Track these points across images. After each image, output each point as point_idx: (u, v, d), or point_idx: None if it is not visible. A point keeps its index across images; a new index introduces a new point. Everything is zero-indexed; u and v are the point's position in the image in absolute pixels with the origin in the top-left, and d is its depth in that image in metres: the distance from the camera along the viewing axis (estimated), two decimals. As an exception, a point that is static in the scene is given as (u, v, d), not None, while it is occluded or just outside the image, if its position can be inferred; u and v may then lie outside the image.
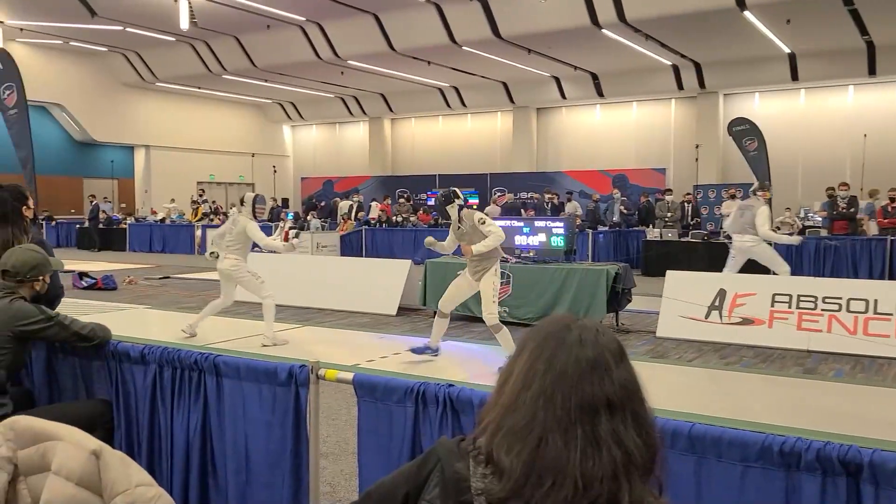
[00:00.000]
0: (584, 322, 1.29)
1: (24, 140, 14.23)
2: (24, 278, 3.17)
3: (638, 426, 1.22)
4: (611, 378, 1.23)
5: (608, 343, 1.26)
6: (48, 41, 23.78)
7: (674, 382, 6.30)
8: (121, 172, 29.32)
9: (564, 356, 1.23)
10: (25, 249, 3.26)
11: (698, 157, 22.25)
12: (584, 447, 1.18)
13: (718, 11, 16.25)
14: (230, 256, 7.85)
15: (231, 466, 2.88)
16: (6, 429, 1.69)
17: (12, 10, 20.39)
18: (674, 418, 2.25)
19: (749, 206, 9.90)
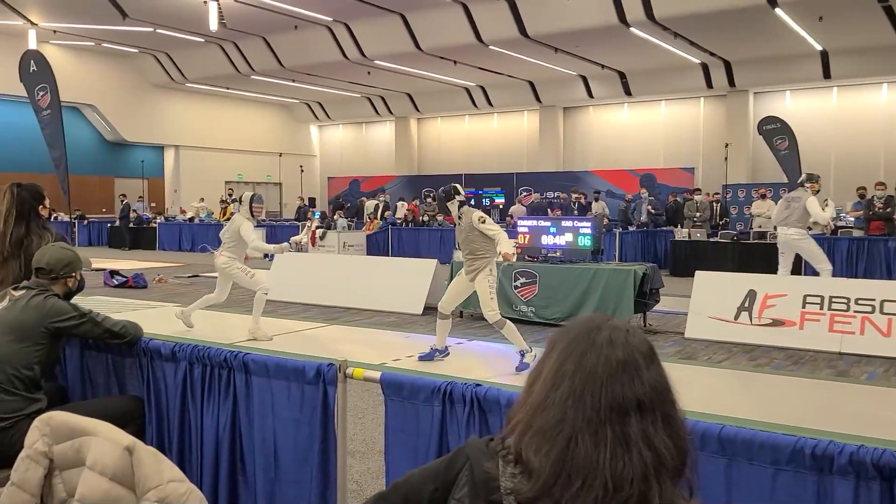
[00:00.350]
0: (614, 322, 1.29)
1: (58, 140, 14.46)
2: (58, 275, 3.22)
3: (669, 428, 1.22)
4: (641, 379, 1.22)
5: (638, 344, 1.26)
6: (81, 43, 24.18)
7: (703, 384, 6.24)
8: (151, 172, 29.72)
9: (594, 356, 1.23)
10: (58, 247, 3.32)
11: (728, 157, 21.96)
12: (614, 448, 1.17)
13: (749, 9, 16.04)
14: (225, 253, 7.99)
15: (260, 463, 2.90)
16: (42, 424, 1.73)
17: (46, 13, 20.77)
18: (704, 420, 2.23)
19: (796, 198, 9.74)
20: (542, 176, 26.30)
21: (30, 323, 3.01)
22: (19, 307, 3.04)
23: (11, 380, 2.92)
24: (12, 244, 3.73)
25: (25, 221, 3.78)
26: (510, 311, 9.21)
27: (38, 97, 14.87)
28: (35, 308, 3.03)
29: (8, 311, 3.04)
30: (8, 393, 2.91)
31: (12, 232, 3.76)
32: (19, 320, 3.01)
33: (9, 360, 2.94)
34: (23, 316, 3.02)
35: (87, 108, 26.89)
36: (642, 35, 18.45)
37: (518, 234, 9.70)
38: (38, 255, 3.23)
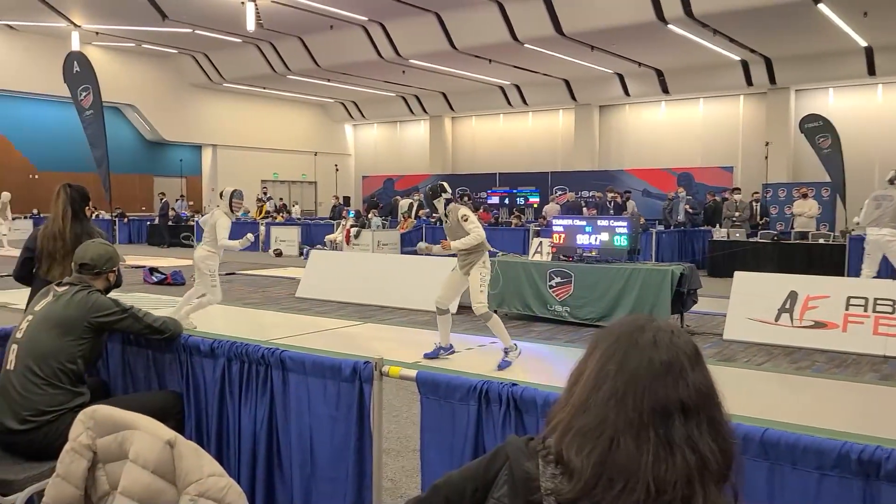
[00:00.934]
0: (658, 323, 1.27)
1: (100, 140, 14.74)
2: (101, 270, 3.29)
3: (714, 431, 1.19)
4: (685, 381, 1.20)
5: (683, 345, 1.23)
6: (121, 44, 24.67)
7: (742, 386, 6.13)
8: (189, 171, 30.20)
9: (637, 358, 1.21)
10: (99, 243, 3.38)
11: (768, 155, 21.61)
12: (657, 451, 1.15)
13: (791, 4, 15.76)
14: (204, 248, 7.97)
15: (296, 459, 2.92)
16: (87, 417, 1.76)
17: (89, 15, 21.22)
18: (745, 423, 2.19)
19: (888, 197, 9.44)
20: (576, 175, 26.13)
21: (73, 318, 3.07)
22: (63, 302, 3.10)
23: (56, 373, 2.98)
24: (72, 241, 3.91)
25: (79, 220, 4.07)
26: (545, 310, 9.17)
27: (81, 97, 15.18)
28: (78, 303, 3.09)
29: (52, 306, 3.11)
30: (53, 386, 2.97)
31: (71, 228, 4.02)
32: (63, 315, 3.07)
33: (54, 354, 3.00)
34: (67, 311, 3.08)
35: (128, 108, 27.42)
36: (680, 32, 18.22)
37: (553, 234, 9.64)
38: (81, 252, 3.30)
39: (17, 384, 2.95)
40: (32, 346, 3.00)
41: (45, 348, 2.99)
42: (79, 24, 21.84)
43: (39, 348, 2.99)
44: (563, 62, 22.10)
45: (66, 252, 3.94)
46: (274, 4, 19.00)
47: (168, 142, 28.97)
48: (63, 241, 3.99)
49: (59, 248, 4.00)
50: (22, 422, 2.90)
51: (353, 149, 35.51)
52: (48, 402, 2.94)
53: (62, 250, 3.98)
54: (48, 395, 2.95)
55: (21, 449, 2.91)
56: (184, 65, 27.26)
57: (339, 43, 22.03)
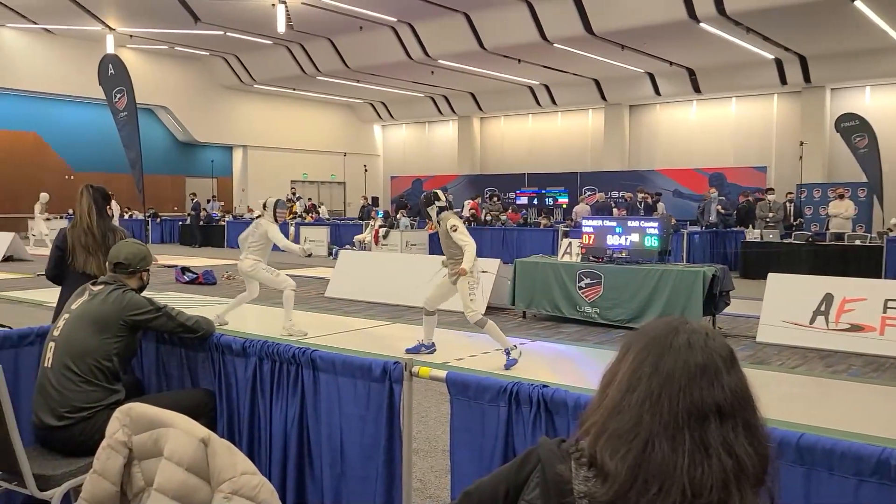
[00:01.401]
0: (693, 325, 1.25)
1: (134, 141, 14.99)
2: (135, 269, 3.34)
3: (750, 435, 1.18)
4: (721, 384, 1.18)
5: (719, 348, 1.22)
6: (155, 47, 25.05)
7: (777, 390, 6.04)
8: (220, 171, 30.56)
9: (672, 360, 1.20)
10: (132, 243, 3.45)
11: (802, 155, 21.26)
12: (693, 454, 1.14)
13: (827, 2, 15.51)
14: (250, 257, 8.22)
15: (326, 458, 2.94)
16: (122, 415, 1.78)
17: (123, 19, 21.58)
18: (781, 427, 2.16)
19: None
20: (606, 175, 25.96)
21: (109, 316, 3.12)
22: (99, 301, 3.16)
23: (93, 370, 3.03)
24: (100, 237, 4.19)
25: (102, 218, 4.28)
26: (574, 311, 9.12)
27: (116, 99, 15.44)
28: (114, 302, 3.14)
29: (88, 305, 3.16)
30: (89, 383, 3.02)
31: (98, 224, 4.23)
32: (99, 313, 3.12)
33: (90, 352, 3.05)
34: (102, 309, 3.13)
35: (161, 109, 27.83)
36: (713, 30, 18.01)
37: (582, 234, 9.58)
38: (115, 251, 3.36)
39: (55, 381, 3.00)
40: (69, 343, 3.05)
41: (82, 346, 3.04)
42: (113, 28, 22.22)
43: (76, 346, 3.04)
44: (592, 62, 21.96)
45: (97, 246, 4.20)
46: (304, 6, 19.15)
47: (199, 143, 29.35)
48: (94, 237, 4.22)
49: (91, 243, 4.22)
50: (59, 418, 2.95)
51: (382, 149, 35.65)
52: (84, 399, 2.98)
53: (94, 245, 4.20)
54: (84, 392, 3.00)
55: (58, 445, 2.97)
56: (215, 67, 27.59)
57: (369, 44, 22.13)
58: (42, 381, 3.05)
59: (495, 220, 20.43)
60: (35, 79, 23.95)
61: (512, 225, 19.70)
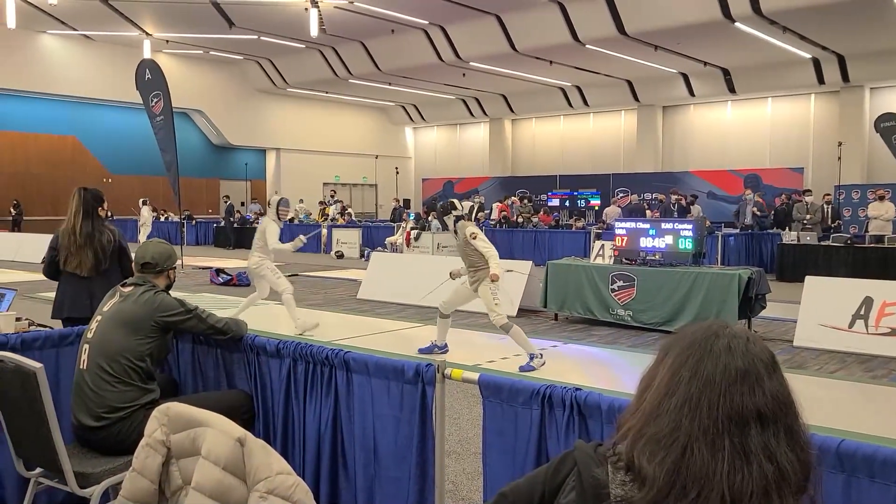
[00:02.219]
0: (733, 330, 1.23)
1: (170, 145, 15.23)
2: (163, 268, 3.39)
3: (792, 441, 1.16)
4: (762, 389, 1.16)
5: (760, 353, 1.20)
6: (190, 51, 25.44)
7: (815, 395, 5.93)
8: (253, 174, 30.91)
9: (712, 364, 1.18)
10: (157, 242, 3.49)
11: (840, 156, 20.84)
12: (733, 459, 1.12)
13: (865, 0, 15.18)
14: (256, 254, 8.29)
15: (360, 459, 2.95)
16: (161, 414, 1.81)
17: (160, 24, 21.96)
18: (820, 433, 2.12)
19: None
20: (639, 177, 25.73)
21: (140, 317, 3.16)
22: (130, 302, 3.20)
23: (127, 371, 3.08)
24: (83, 236, 4.60)
25: (90, 219, 4.65)
26: (606, 314, 9.05)
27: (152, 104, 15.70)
28: (145, 303, 3.19)
29: (120, 306, 3.21)
30: (124, 384, 3.07)
31: (81, 226, 4.61)
32: (131, 314, 3.17)
33: (123, 352, 3.09)
34: (134, 310, 3.18)
35: (195, 113, 28.24)
36: (748, 30, 17.76)
37: (615, 237, 9.51)
38: (142, 251, 3.39)
39: (91, 383, 3.05)
40: (103, 345, 3.10)
41: (115, 347, 3.09)
42: (150, 33, 22.62)
43: (109, 347, 3.09)
44: (625, 62, 21.80)
45: (78, 246, 4.61)
46: (337, 10, 19.29)
47: (233, 146, 29.72)
48: (75, 237, 4.60)
49: (72, 243, 4.61)
50: (97, 419, 3.00)
51: (413, 151, 35.76)
52: (120, 399, 3.03)
53: (75, 245, 4.60)
54: (119, 392, 3.05)
55: (97, 444, 3.02)
56: (249, 70, 27.93)
57: (401, 47, 22.23)
58: (78, 383, 3.10)
59: (527, 222, 20.37)
60: (75, 84, 24.47)
61: (544, 227, 19.62)
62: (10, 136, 24.51)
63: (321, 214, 25.12)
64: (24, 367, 2.68)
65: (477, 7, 19.14)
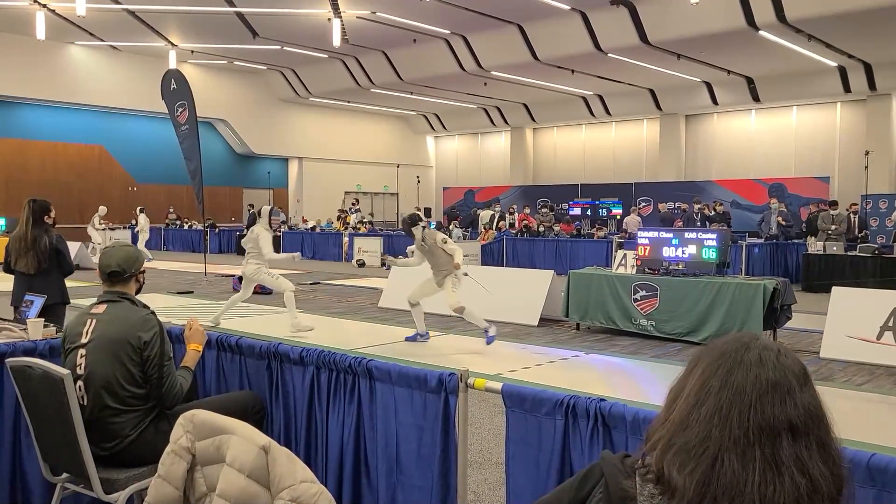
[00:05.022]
0: (764, 341, 1.22)
1: (194, 154, 15.38)
2: (130, 273, 3.16)
3: (824, 454, 1.14)
4: (794, 401, 1.15)
5: (791, 365, 1.18)
6: (215, 61, 25.74)
7: (843, 408, 5.83)
8: (276, 183, 31.14)
9: (742, 375, 1.16)
10: (119, 246, 3.25)
11: (868, 165, 20.57)
12: (764, 471, 1.11)
13: (892, 7, 15.00)
14: (252, 262, 8.83)
15: (382, 467, 2.95)
16: (186, 422, 1.82)
17: (185, 35, 22.25)
18: (851, 447, 2.08)
19: None
20: (661, 186, 25.56)
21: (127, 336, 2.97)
22: (113, 326, 3.00)
23: (126, 400, 2.95)
24: (30, 241, 5.60)
25: (37, 226, 5.65)
26: (629, 324, 8.98)
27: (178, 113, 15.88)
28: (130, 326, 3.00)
29: (101, 330, 3.00)
30: (127, 412, 2.95)
31: (30, 232, 5.61)
32: (116, 336, 2.97)
33: (115, 380, 2.93)
34: (116, 335, 2.97)
35: (219, 122, 28.53)
36: (773, 38, 17.62)
37: (637, 246, 9.44)
38: (105, 260, 3.12)
39: (100, 420, 2.92)
40: (96, 378, 2.93)
41: (107, 376, 2.93)
42: (176, 44, 22.91)
43: (102, 378, 2.92)
44: (647, 71, 21.71)
45: (26, 249, 5.63)
46: (359, 20, 19.43)
47: (257, 155, 29.98)
48: (24, 241, 5.63)
49: (21, 246, 5.64)
50: (107, 449, 2.91)
51: (435, 160, 35.83)
52: (127, 427, 2.93)
53: (23, 248, 5.63)
54: (124, 421, 2.94)
55: (113, 464, 2.93)
56: (272, 80, 28.19)
57: (422, 56, 22.31)
58: (87, 420, 2.85)
59: (548, 231, 20.31)
60: (102, 94, 24.84)
61: (565, 236, 19.55)
62: (40, 146, 24.91)
63: (342, 223, 25.22)
64: (52, 374, 2.70)
65: (498, 16, 19.18)
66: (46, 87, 23.60)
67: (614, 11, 17.95)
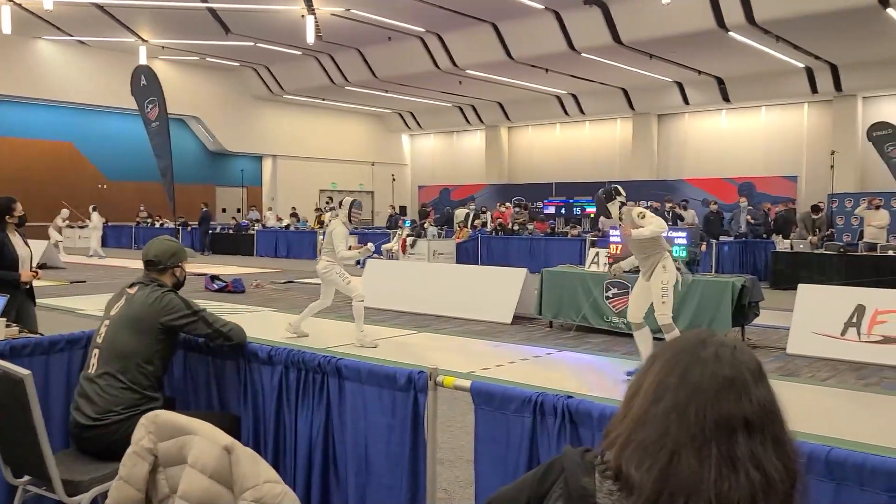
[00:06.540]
0: (720, 338, 1.23)
1: (165, 151, 15.24)
2: (166, 266, 3.34)
3: (779, 449, 1.15)
4: (749, 397, 1.16)
5: (747, 361, 1.20)
6: (187, 58, 25.44)
7: (807, 403, 5.94)
8: (249, 181, 30.89)
9: (699, 371, 1.18)
10: (163, 239, 3.45)
11: (833, 164, 20.94)
12: (720, 467, 1.12)
13: (858, 10, 15.28)
14: (324, 258, 8.08)
15: (351, 467, 2.94)
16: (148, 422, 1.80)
17: (156, 30, 21.97)
18: (810, 441, 2.12)
19: None
20: (634, 185, 25.73)
21: (145, 318, 3.14)
22: (136, 303, 3.18)
23: (136, 376, 3.07)
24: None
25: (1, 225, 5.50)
26: (601, 321, 9.05)
27: (148, 110, 15.71)
28: (151, 304, 3.16)
29: (126, 308, 3.18)
30: (132, 390, 3.05)
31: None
32: (137, 316, 3.14)
33: (132, 355, 3.07)
34: (140, 312, 3.15)
35: (192, 119, 28.24)
36: (742, 39, 17.85)
37: (610, 244, 9.51)
38: (145, 249, 3.37)
39: (99, 387, 3.04)
40: (112, 348, 3.09)
41: (124, 349, 3.07)
42: (146, 39, 22.61)
43: (119, 350, 3.08)
44: (620, 71, 21.87)
45: None
46: (333, 17, 19.33)
47: (230, 152, 29.71)
48: None
49: None
50: (94, 419, 2.99)
51: (410, 159, 35.79)
52: (124, 402, 3.02)
53: None
54: (126, 396, 3.03)
55: (89, 444, 3.00)
56: (246, 77, 27.95)
57: (397, 54, 22.27)
58: (84, 387, 3.07)
59: (522, 229, 20.38)
60: (71, 90, 24.45)
61: (539, 234, 19.64)
62: (10, 143, 24.48)
63: (317, 221, 25.07)
64: (12, 374, 2.66)
65: (473, 15, 19.20)
66: (13, 83, 23.17)
67: (587, 11, 18.06)
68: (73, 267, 17.11)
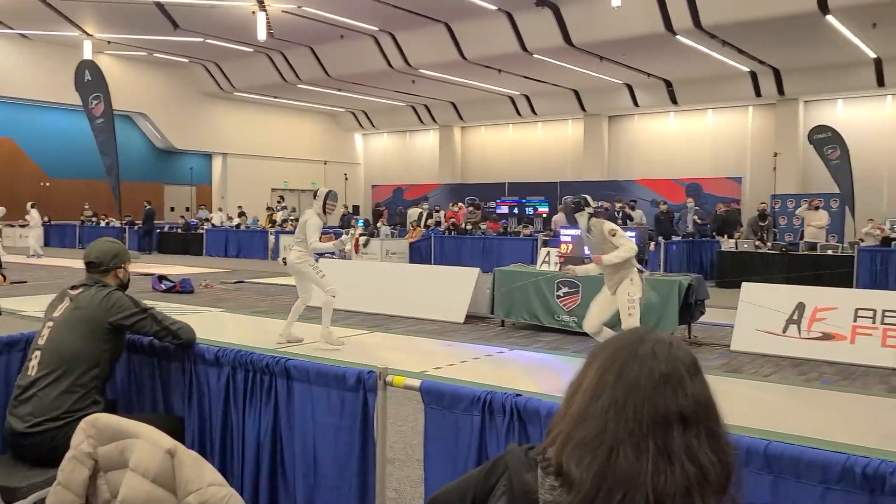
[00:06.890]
0: (657, 335, 1.26)
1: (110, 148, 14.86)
2: (108, 267, 3.27)
3: (713, 442, 1.18)
4: (685, 392, 1.19)
5: (683, 357, 1.23)
6: (133, 53, 24.87)
7: (749, 398, 6.10)
8: (199, 179, 30.35)
9: (637, 368, 1.20)
10: (104, 241, 3.39)
11: (776, 166, 21.53)
12: (657, 461, 1.14)
13: (799, 16, 15.73)
14: (296, 248, 7.77)
15: (300, 469, 2.92)
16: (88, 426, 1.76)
17: (101, 24, 21.42)
18: (749, 435, 2.18)
19: None
20: (586, 185, 26.06)
21: (94, 318, 3.07)
22: (83, 303, 3.10)
23: (80, 377, 2.98)
24: None
25: None
26: (552, 320, 9.15)
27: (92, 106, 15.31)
28: (98, 304, 3.09)
29: (72, 310, 3.10)
30: (73, 392, 2.96)
31: None
32: (85, 316, 3.07)
33: (78, 357, 2.99)
34: (87, 312, 3.07)
35: (139, 116, 27.61)
36: (689, 43, 18.22)
37: (560, 243, 9.62)
38: (87, 251, 3.32)
39: (39, 390, 2.93)
40: (56, 350, 2.99)
41: (70, 351, 2.99)
42: (91, 34, 22.03)
43: (64, 352, 2.99)
44: (572, 72, 22.12)
45: None
46: (285, 14, 19.12)
47: (179, 150, 29.14)
48: None
49: None
50: (32, 425, 2.89)
51: (363, 158, 35.61)
52: (63, 406, 2.92)
53: None
54: (67, 400, 2.94)
55: (27, 452, 2.91)
56: (195, 74, 27.43)
57: (350, 53, 22.14)
58: (23, 389, 2.97)
59: (475, 229, 20.47)
60: (11, 84, 23.68)
61: (492, 234, 19.75)
62: (-57, 138, 23.61)
63: (268, 220, 24.78)
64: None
65: (426, 15, 19.20)
66: (-50, 77, 22.36)
67: (539, 13, 18.23)
68: (14, 267, 16.57)
